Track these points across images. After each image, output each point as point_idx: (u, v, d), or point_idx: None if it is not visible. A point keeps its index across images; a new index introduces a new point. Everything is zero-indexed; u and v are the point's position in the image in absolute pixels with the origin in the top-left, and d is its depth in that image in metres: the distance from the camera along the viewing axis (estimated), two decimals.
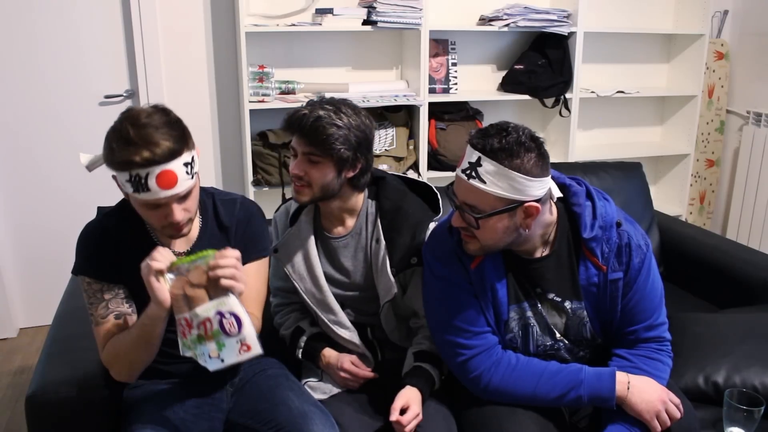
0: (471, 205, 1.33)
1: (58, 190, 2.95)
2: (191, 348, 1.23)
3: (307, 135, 1.45)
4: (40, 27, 2.77)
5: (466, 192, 1.33)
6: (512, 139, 1.29)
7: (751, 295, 2.11)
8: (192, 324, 1.22)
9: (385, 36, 3.11)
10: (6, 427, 2.34)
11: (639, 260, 1.43)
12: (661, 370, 1.47)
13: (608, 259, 1.42)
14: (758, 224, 3.53)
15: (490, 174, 1.29)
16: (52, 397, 1.40)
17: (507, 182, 1.29)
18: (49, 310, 2.10)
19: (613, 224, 1.43)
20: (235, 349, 1.21)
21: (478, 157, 1.30)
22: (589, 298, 1.45)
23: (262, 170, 2.85)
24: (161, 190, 1.24)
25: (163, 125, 1.24)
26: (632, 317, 1.46)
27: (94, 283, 1.38)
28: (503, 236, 1.35)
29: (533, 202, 1.32)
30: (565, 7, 3.15)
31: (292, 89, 2.93)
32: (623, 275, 1.43)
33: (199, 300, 1.21)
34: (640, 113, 3.70)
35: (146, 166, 1.21)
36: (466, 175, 1.31)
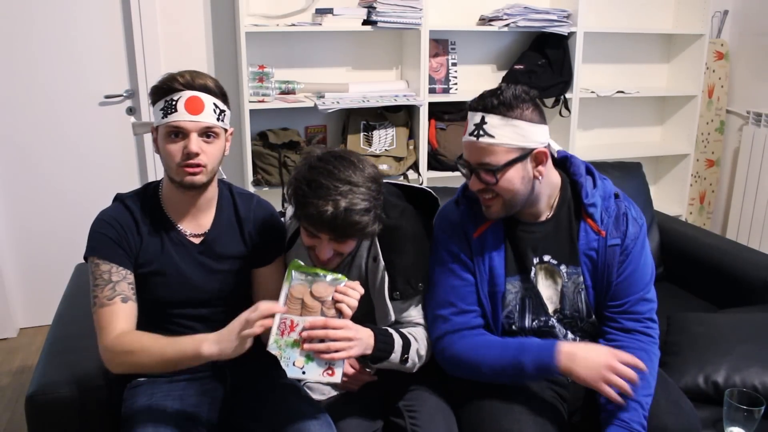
0: (485, 163, 1.39)
1: (58, 190, 2.95)
2: (281, 348, 1.26)
3: (339, 234, 1.35)
4: (40, 27, 2.77)
5: (479, 152, 1.40)
6: (509, 94, 1.39)
7: (751, 295, 2.11)
8: (295, 328, 1.26)
9: (385, 36, 3.11)
10: (6, 427, 2.34)
11: (635, 231, 1.50)
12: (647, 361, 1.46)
13: (607, 226, 1.49)
14: (758, 224, 3.53)
15: (496, 128, 1.38)
16: (52, 397, 1.40)
17: (513, 131, 1.38)
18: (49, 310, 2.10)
19: (611, 195, 1.52)
20: (320, 370, 1.27)
21: (482, 116, 1.39)
22: (587, 264, 1.49)
23: (262, 170, 2.85)
24: (187, 113, 1.35)
25: (208, 77, 1.40)
26: (626, 288, 1.50)
27: (103, 263, 1.39)
28: (521, 187, 1.42)
29: (541, 149, 1.41)
30: (565, 7, 3.15)
31: (292, 89, 2.93)
32: (620, 242, 1.49)
33: (312, 311, 1.29)
34: (640, 113, 3.70)
35: (180, 90, 1.35)
36: (474, 137, 1.39)
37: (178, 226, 1.47)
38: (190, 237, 1.48)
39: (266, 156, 2.83)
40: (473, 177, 1.43)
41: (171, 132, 1.37)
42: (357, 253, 1.55)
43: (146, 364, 1.32)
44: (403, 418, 1.52)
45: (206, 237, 1.48)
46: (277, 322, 1.26)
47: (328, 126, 3.14)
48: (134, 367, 1.35)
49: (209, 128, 1.38)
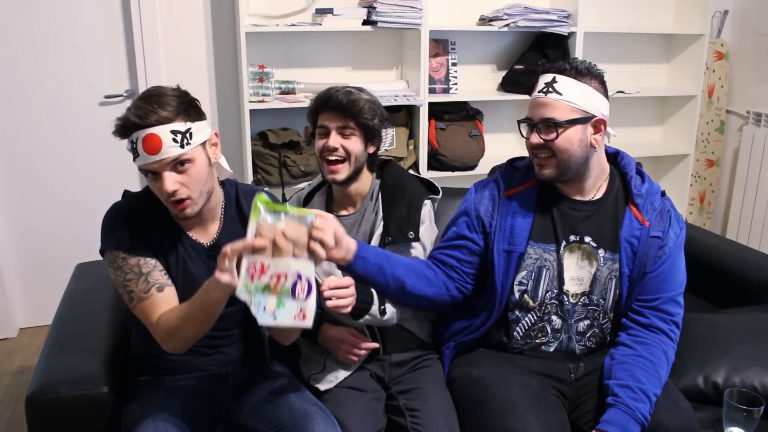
0: (549, 118, 1.48)
1: (58, 189, 2.95)
2: (251, 293, 1.20)
3: (341, 108, 1.59)
4: (41, 27, 2.77)
5: (543, 108, 1.49)
6: (581, 64, 1.50)
7: (751, 295, 2.11)
8: (266, 271, 1.20)
9: (385, 36, 3.11)
10: (6, 427, 2.34)
11: (676, 231, 1.56)
12: (664, 363, 1.50)
13: (651, 218, 1.54)
14: (758, 224, 3.53)
15: (565, 87, 1.48)
16: (52, 397, 1.40)
17: (580, 93, 1.48)
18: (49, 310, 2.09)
19: (658, 191, 1.60)
20: (293, 314, 1.21)
21: (553, 76, 1.50)
22: (627, 251, 1.53)
23: (262, 170, 2.85)
24: (147, 155, 1.30)
25: (166, 96, 1.33)
26: (659, 283, 1.54)
27: (130, 257, 1.38)
28: (577, 149, 1.49)
29: (601, 117, 1.50)
30: (565, 7, 3.15)
31: (292, 89, 2.93)
32: (661, 236, 1.53)
33: (284, 253, 1.21)
34: (640, 113, 3.70)
35: (135, 130, 1.30)
36: (543, 93, 1.49)
37: (187, 231, 1.46)
38: (200, 242, 1.47)
39: (266, 156, 2.83)
40: (533, 133, 1.50)
41: (145, 172, 1.34)
42: (364, 218, 1.70)
43: (191, 333, 1.34)
44: (404, 417, 1.53)
45: (215, 243, 1.47)
46: (245, 265, 1.20)
47: None
48: (182, 341, 1.36)
49: (176, 160, 1.32)
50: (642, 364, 1.47)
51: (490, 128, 3.33)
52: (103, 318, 1.73)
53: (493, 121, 3.35)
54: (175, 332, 1.34)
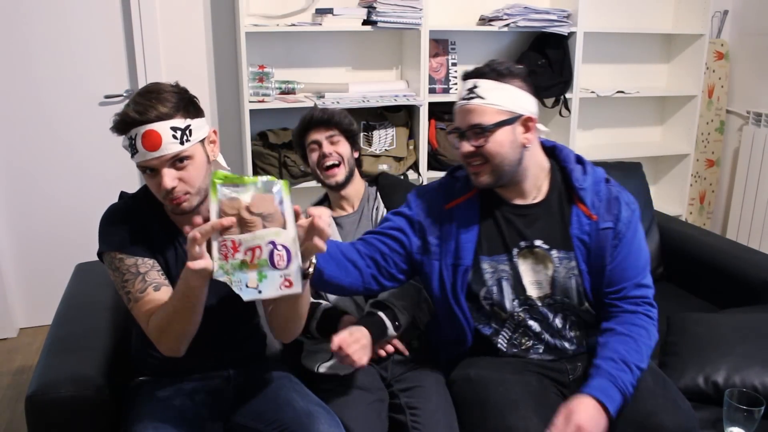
0: (476, 124, 1.45)
1: (57, 189, 2.95)
2: (229, 273, 1.16)
3: (324, 122, 1.80)
4: (40, 27, 2.77)
5: (469, 114, 1.46)
6: (501, 66, 1.47)
7: (751, 295, 2.11)
8: (239, 248, 1.15)
9: (385, 36, 3.11)
10: (6, 427, 2.34)
11: (627, 215, 1.51)
12: (645, 337, 1.47)
13: (599, 209, 1.50)
14: (758, 224, 3.53)
15: (487, 90, 1.45)
16: (52, 397, 1.40)
17: (503, 94, 1.44)
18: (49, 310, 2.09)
19: (602, 179, 1.54)
20: (277, 283, 1.17)
21: (474, 82, 1.46)
22: (580, 249, 1.50)
23: (262, 170, 2.85)
24: (146, 152, 1.29)
25: (165, 92, 1.32)
26: (621, 272, 1.50)
27: (128, 258, 1.38)
28: (509, 150, 1.46)
29: (529, 115, 1.47)
30: (565, 7, 3.15)
31: (292, 89, 2.93)
32: (613, 226, 1.50)
33: (253, 225, 1.16)
34: (640, 113, 3.70)
35: (134, 126, 1.29)
36: (466, 100, 1.46)
37: (182, 231, 1.44)
38: None
39: (266, 156, 2.83)
40: (463, 141, 1.47)
41: (143, 169, 1.33)
42: (363, 215, 1.83)
43: (180, 331, 1.31)
44: (405, 415, 1.53)
45: None
46: (216, 246, 1.15)
47: None
48: (175, 337, 1.32)
49: (176, 156, 1.31)
50: (622, 341, 1.46)
51: None
52: (103, 318, 1.73)
53: None
54: (165, 330, 1.32)
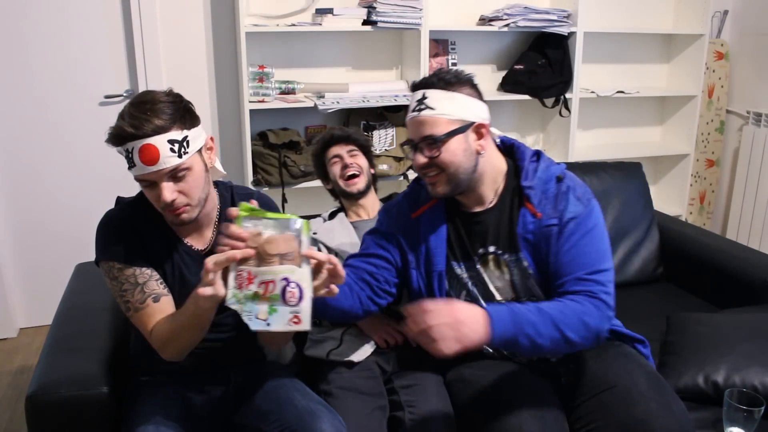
0: (428, 135, 1.43)
1: (57, 189, 2.95)
2: (240, 302, 1.19)
3: (343, 138, 1.99)
4: (40, 27, 2.77)
5: (420, 126, 1.44)
6: (448, 74, 1.46)
7: (751, 295, 2.11)
8: (253, 280, 1.19)
9: (385, 36, 3.11)
10: (6, 427, 2.34)
11: (577, 210, 1.45)
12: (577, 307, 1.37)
13: (544, 207, 1.47)
14: (758, 224, 3.53)
15: (436, 100, 1.43)
16: (52, 397, 1.39)
17: (453, 103, 1.44)
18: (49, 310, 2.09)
19: (553, 177, 1.51)
20: (286, 319, 1.19)
21: (423, 93, 1.45)
22: (527, 248, 1.48)
23: (262, 170, 2.85)
24: (144, 166, 1.28)
25: (160, 103, 1.29)
26: (564, 267, 1.44)
27: (126, 268, 1.37)
28: (464, 159, 1.45)
29: (481, 122, 1.47)
30: (565, 7, 3.15)
31: (292, 89, 2.93)
32: (557, 222, 1.46)
33: (271, 260, 1.19)
34: (640, 113, 3.70)
35: (130, 140, 1.27)
36: (417, 111, 1.44)
37: (181, 237, 1.45)
38: (194, 249, 1.46)
39: (266, 156, 2.83)
40: (417, 153, 1.46)
41: (141, 181, 1.32)
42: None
43: (185, 343, 1.34)
44: (403, 411, 1.54)
45: (211, 249, 1.46)
46: (233, 275, 1.19)
47: (328, 126, 3.14)
48: (180, 349, 1.35)
49: (174, 170, 1.30)
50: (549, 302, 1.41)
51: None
52: (103, 318, 1.73)
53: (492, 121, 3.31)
54: (169, 342, 1.34)
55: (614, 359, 1.53)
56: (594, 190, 2.31)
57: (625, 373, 1.48)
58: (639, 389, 1.43)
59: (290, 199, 2.87)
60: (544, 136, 3.52)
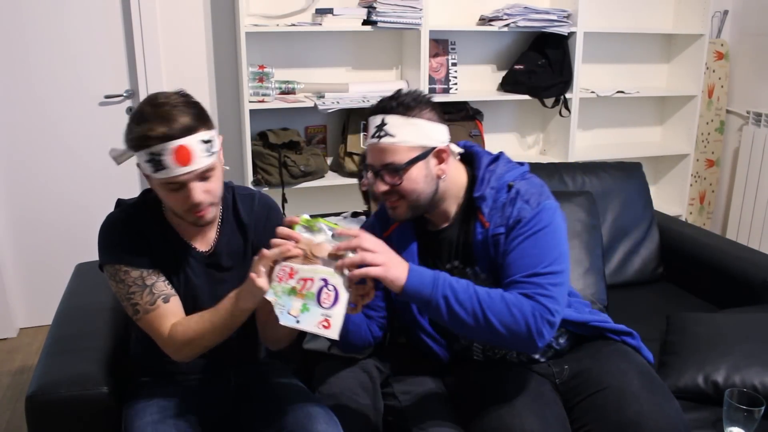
0: (388, 163, 1.39)
1: (58, 189, 2.95)
2: (277, 295, 1.23)
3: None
4: (40, 27, 2.77)
5: (381, 154, 1.40)
6: (407, 97, 1.40)
7: (751, 295, 2.11)
8: (294, 275, 1.23)
9: (385, 36, 3.11)
10: (6, 427, 2.34)
11: (523, 214, 1.41)
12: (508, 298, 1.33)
13: (492, 216, 1.45)
14: (758, 224, 3.53)
15: (396, 127, 1.38)
16: (52, 397, 1.39)
17: (413, 130, 1.39)
18: (49, 310, 2.10)
19: (504, 186, 1.47)
20: (316, 320, 1.21)
21: (382, 118, 1.40)
22: (482, 260, 1.47)
23: (262, 170, 2.85)
24: (178, 167, 1.25)
25: (180, 104, 1.28)
26: (503, 270, 1.42)
27: (133, 270, 1.37)
28: (425, 186, 1.42)
29: (442, 147, 1.42)
30: (565, 7, 3.15)
31: (292, 89, 2.93)
32: (504, 230, 1.43)
33: (313, 261, 1.24)
34: (640, 113, 3.70)
35: (162, 141, 1.24)
36: (376, 138, 1.40)
37: (184, 239, 1.45)
38: (198, 250, 1.45)
39: (266, 156, 2.83)
40: (377, 180, 1.41)
41: (167, 184, 1.29)
42: None
43: (208, 343, 1.36)
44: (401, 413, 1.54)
45: (213, 250, 1.46)
46: (277, 269, 1.24)
47: (328, 126, 3.15)
48: (200, 349, 1.37)
49: (205, 170, 1.29)
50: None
51: (490, 128, 3.33)
52: (103, 318, 1.73)
53: (493, 121, 3.35)
54: (192, 341, 1.34)
55: (608, 358, 1.53)
56: (594, 190, 2.37)
57: (618, 373, 1.48)
58: (631, 390, 1.43)
59: (290, 199, 2.87)
60: (544, 136, 3.52)
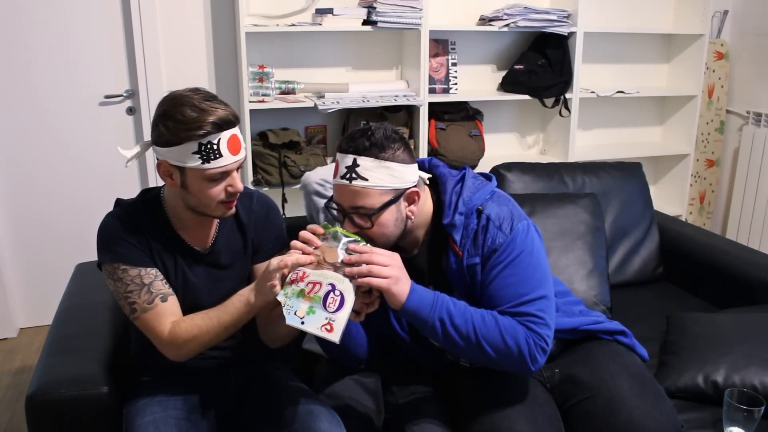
0: (360, 206, 1.34)
1: (57, 189, 2.95)
2: (287, 296, 1.26)
3: None
4: (40, 27, 2.77)
5: (352, 196, 1.35)
6: (379, 135, 1.34)
7: (751, 295, 2.11)
8: (305, 278, 1.27)
9: (385, 36, 3.11)
10: (6, 427, 2.34)
11: (495, 243, 1.39)
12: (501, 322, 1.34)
13: (465, 245, 1.41)
14: (758, 224, 3.53)
15: (369, 170, 1.33)
16: (52, 397, 1.39)
17: (386, 173, 1.34)
18: (49, 310, 2.10)
19: (474, 211, 1.42)
20: (320, 323, 1.24)
21: (353, 158, 1.33)
22: (459, 286, 1.44)
23: (262, 170, 2.85)
24: (231, 156, 1.30)
25: (213, 98, 1.32)
26: (488, 301, 1.40)
27: (131, 269, 1.37)
28: (394, 229, 1.39)
29: (413, 188, 1.38)
30: (565, 7, 3.15)
31: (292, 89, 2.93)
32: (479, 260, 1.40)
33: (324, 266, 1.28)
34: (640, 113, 3.70)
35: (220, 130, 1.27)
36: (348, 180, 1.34)
37: (184, 239, 1.45)
38: (197, 250, 1.46)
39: (266, 156, 2.83)
40: (346, 221, 1.37)
41: (211, 175, 1.30)
42: None
43: (210, 341, 1.36)
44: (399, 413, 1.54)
45: (212, 249, 1.47)
46: (290, 274, 1.28)
47: (328, 126, 3.15)
48: (200, 348, 1.37)
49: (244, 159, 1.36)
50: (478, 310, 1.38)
51: (490, 128, 3.33)
52: (103, 318, 1.73)
53: (493, 121, 3.35)
54: (195, 338, 1.35)
55: (599, 362, 1.53)
56: (594, 190, 2.37)
57: (608, 377, 1.47)
58: (621, 395, 1.42)
59: (290, 199, 2.87)
60: (544, 136, 3.52)
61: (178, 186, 1.34)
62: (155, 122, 1.31)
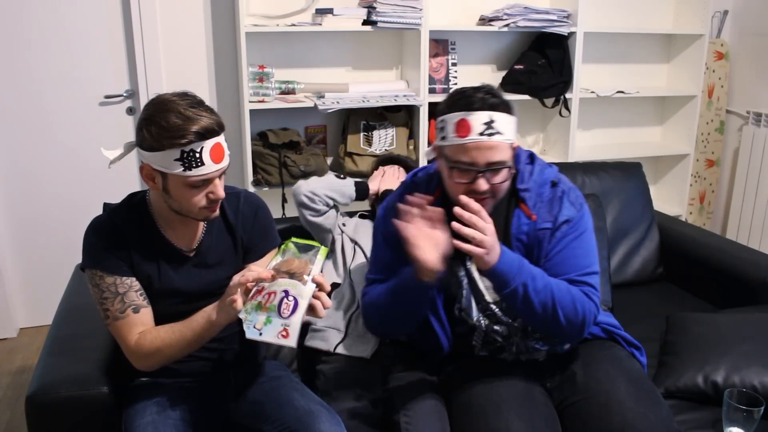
0: (498, 161, 1.39)
1: (58, 189, 2.95)
2: (247, 312, 1.28)
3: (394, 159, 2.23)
4: (40, 27, 2.77)
5: (491, 152, 1.38)
6: (502, 95, 1.42)
7: (751, 295, 2.11)
8: (262, 292, 1.28)
9: (385, 36, 3.11)
10: (6, 427, 2.34)
11: (570, 214, 1.49)
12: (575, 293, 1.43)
13: (539, 210, 1.49)
14: (758, 224, 3.53)
15: (504, 125, 1.38)
16: (52, 397, 1.40)
17: (513, 127, 1.41)
18: (49, 310, 2.10)
19: (548, 182, 1.53)
20: (276, 331, 1.25)
21: (489, 115, 1.37)
22: (519, 249, 1.49)
23: (262, 170, 2.85)
24: (214, 164, 1.30)
25: (200, 104, 1.31)
26: (555, 268, 1.47)
27: (107, 276, 1.38)
28: (508, 183, 1.46)
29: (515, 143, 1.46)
30: (565, 7, 3.15)
31: (292, 89, 2.93)
32: (552, 226, 1.48)
33: (280, 275, 1.29)
34: (640, 113, 3.70)
35: (203, 139, 1.27)
36: (486, 136, 1.37)
37: (170, 240, 1.45)
38: (183, 251, 1.46)
39: (266, 156, 2.83)
40: (480, 179, 1.39)
41: (193, 182, 1.31)
42: None
43: (174, 355, 1.37)
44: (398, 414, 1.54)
45: (198, 250, 1.47)
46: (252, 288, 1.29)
47: (328, 126, 3.15)
48: (164, 360, 1.39)
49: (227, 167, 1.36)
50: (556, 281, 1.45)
51: None
52: None
53: None
54: (159, 351, 1.36)
55: (599, 364, 1.53)
56: (594, 190, 2.37)
57: (606, 379, 1.48)
58: (617, 398, 1.42)
59: (290, 199, 2.87)
60: (544, 136, 3.52)
61: (160, 189, 1.35)
62: (140, 125, 1.32)
